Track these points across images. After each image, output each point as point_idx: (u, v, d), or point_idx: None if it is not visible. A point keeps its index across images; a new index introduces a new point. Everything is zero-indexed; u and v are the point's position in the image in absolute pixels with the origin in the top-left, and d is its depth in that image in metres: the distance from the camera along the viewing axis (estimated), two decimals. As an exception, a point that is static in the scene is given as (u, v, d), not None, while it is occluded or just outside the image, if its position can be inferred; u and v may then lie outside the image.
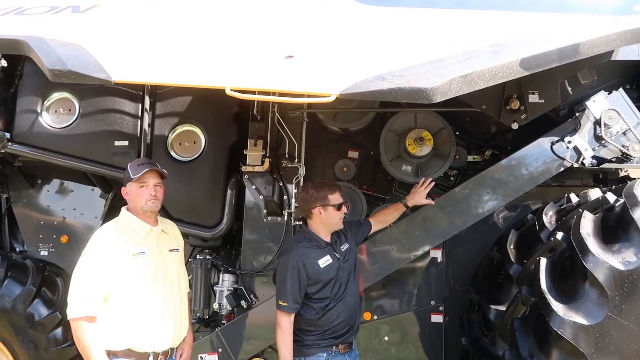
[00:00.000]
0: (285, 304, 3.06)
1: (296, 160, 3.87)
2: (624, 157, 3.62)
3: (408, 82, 2.23)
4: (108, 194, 4.31)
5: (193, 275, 4.04)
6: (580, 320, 2.44)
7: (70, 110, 3.90)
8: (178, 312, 2.88)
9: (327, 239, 3.27)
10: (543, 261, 2.73)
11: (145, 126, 3.95)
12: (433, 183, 3.63)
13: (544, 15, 3.02)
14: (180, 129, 3.99)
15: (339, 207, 3.22)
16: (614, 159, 3.65)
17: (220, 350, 3.71)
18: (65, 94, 3.89)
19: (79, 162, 3.91)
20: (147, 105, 3.95)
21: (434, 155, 3.96)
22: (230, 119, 4.02)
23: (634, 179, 3.92)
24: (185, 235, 4.10)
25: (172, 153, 3.99)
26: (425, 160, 3.96)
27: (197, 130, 4.00)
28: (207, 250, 4.15)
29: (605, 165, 3.67)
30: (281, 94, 2.42)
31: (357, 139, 4.39)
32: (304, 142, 3.92)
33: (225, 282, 4.00)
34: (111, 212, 4.31)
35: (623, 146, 3.58)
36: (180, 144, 4.00)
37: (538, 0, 3.26)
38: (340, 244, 3.31)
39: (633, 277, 2.42)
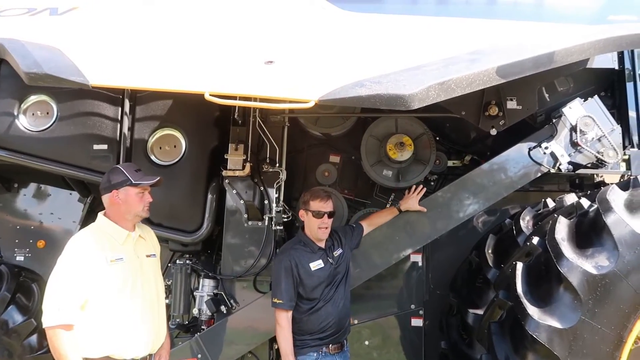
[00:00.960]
0: (281, 301, 3.13)
1: (277, 164, 3.86)
2: (599, 163, 3.70)
3: (386, 88, 2.24)
4: (86, 198, 4.26)
5: (173, 281, 4.01)
6: (555, 324, 2.48)
7: (48, 113, 3.84)
8: (156, 318, 2.85)
9: (320, 244, 3.35)
10: (519, 265, 2.77)
11: (125, 130, 3.91)
12: (425, 189, 3.69)
13: (521, 23, 3.08)
14: (161, 132, 3.96)
15: (316, 215, 3.28)
16: (589, 165, 3.72)
17: (199, 356, 3.68)
18: (43, 97, 3.84)
19: (57, 165, 3.85)
20: (126, 108, 3.92)
21: (414, 160, 3.99)
22: (211, 123, 4.00)
23: (609, 184, 4.03)
24: (164, 240, 4.09)
25: (152, 157, 3.95)
26: (406, 165, 3.99)
27: (178, 134, 3.97)
28: (187, 255, 4.12)
29: (582, 171, 3.74)
30: (261, 100, 2.42)
31: (339, 144, 4.41)
32: (285, 146, 3.92)
33: (205, 288, 3.97)
34: (89, 216, 4.27)
35: (598, 152, 3.66)
36: (160, 148, 3.97)
37: (514, 9, 3.33)
38: (334, 249, 3.40)
39: (605, 282, 2.47)
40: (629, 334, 2.50)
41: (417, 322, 4.16)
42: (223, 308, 3.81)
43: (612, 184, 3.98)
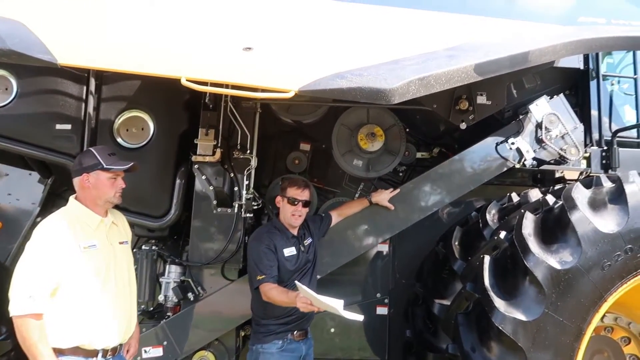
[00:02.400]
0: (263, 276, 3.12)
1: (248, 151, 3.81)
2: (562, 160, 3.82)
3: (367, 82, 2.24)
4: (47, 180, 4.09)
5: (138, 267, 3.90)
6: (520, 316, 2.57)
7: (7, 89, 3.64)
8: (128, 307, 2.78)
9: (294, 231, 3.41)
10: (487, 259, 2.85)
11: (90, 110, 3.75)
12: (398, 191, 3.75)
13: (493, 20, 3.13)
14: (128, 114, 3.83)
15: (290, 202, 3.32)
16: (552, 161, 3.84)
17: (165, 343, 3.64)
18: (1, 72, 3.64)
19: (16, 144, 3.66)
20: (92, 87, 3.76)
21: (384, 151, 4.02)
22: (181, 107, 3.90)
23: (569, 180, 4.19)
24: (130, 225, 3.99)
25: (119, 139, 3.82)
26: (376, 155, 4.02)
27: (146, 116, 3.85)
28: (153, 241, 4.04)
29: (545, 167, 3.86)
30: (239, 87, 2.37)
31: (309, 132, 4.39)
32: (257, 133, 3.87)
33: (172, 274, 3.90)
34: (50, 198, 4.12)
35: (561, 149, 3.79)
36: (127, 130, 3.84)
37: (488, 5, 3.37)
38: (305, 238, 3.46)
39: (568, 276, 2.58)
40: (588, 327, 2.62)
41: (382, 310, 4.24)
42: (190, 295, 3.77)
43: (575, 180, 4.17)
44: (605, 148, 3.99)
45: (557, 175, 4.33)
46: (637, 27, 3.05)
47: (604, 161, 3.96)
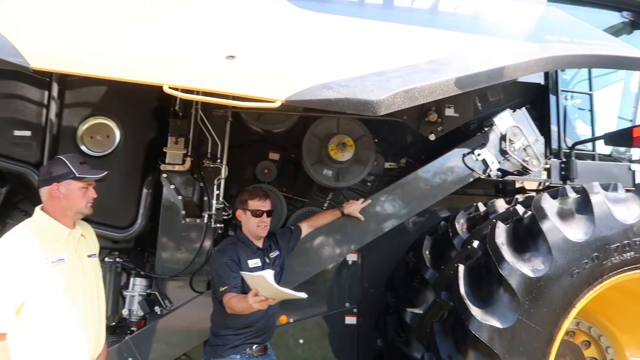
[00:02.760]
0: (225, 287, 3.06)
1: (218, 160, 3.75)
2: (524, 171, 3.98)
3: (354, 93, 2.25)
4: (2, 189, 3.86)
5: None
6: (496, 323, 2.64)
7: (-41, 92, 3.44)
8: (97, 323, 2.66)
9: (259, 244, 3.37)
10: (461, 268, 2.91)
11: (52, 116, 3.61)
12: (370, 201, 3.78)
13: (466, 35, 3.23)
14: (93, 121, 3.70)
15: (254, 214, 3.30)
16: (515, 172, 3.99)
17: (130, 359, 3.49)
18: (-47, 74, 3.43)
19: (-32, 151, 3.47)
20: (54, 92, 3.62)
21: (354, 161, 4.05)
22: (149, 114, 3.80)
23: (530, 190, 4.37)
24: (93, 236, 3.84)
25: (82, 147, 3.70)
26: (346, 165, 4.04)
27: (111, 123, 3.73)
28: (117, 253, 3.88)
29: (508, 177, 4.01)
30: (219, 95, 2.32)
31: (279, 141, 4.36)
32: (227, 141, 3.82)
33: (137, 287, 3.77)
34: (4, 208, 3.88)
35: (524, 160, 3.94)
36: (91, 137, 3.71)
37: (460, 21, 3.47)
38: (271, 250, 3.42)
39: (540, 284, 2.68)
40: (558, 332, 2.72)
41: (350, 320, 4.26)
42: (157, 308, 3.65)
43: (534, 190, 4.35)
44: (564, 160, 4.19)
45: (518, 185, 4.53)
46: (596, 46, 3.23)
47: (562, 172, 4.16)
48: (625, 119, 4.82)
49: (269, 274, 2.50)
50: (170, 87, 2.24)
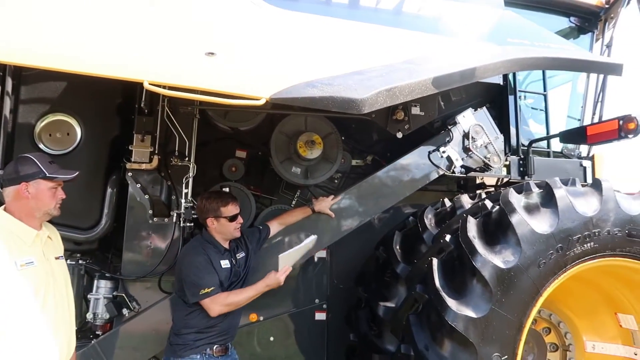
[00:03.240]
0: (211, 289, 3.06)
1: (186, 158, 3.68)
2: (486, 167, 4.14)
3: (338, 91, 2.27)
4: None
5: (63, 283, 3.61)
6: (470, 313, 2.74)
7: None
8: (68, 328, 2.55)
9: (226, 245, 3.35)
10: (435, 261, 3.00)
11: (6, 112, 3.43)
12: (339, 198, 3.81)
13: (433, 36, 3.32)
14: (52, 117, 3.55)
15: (231, 219, 3.28)
16: (477, 169, 4.15)
17: (97, 364, 3.38)
18: None
19: None
20: (9, 87, 3.43)
21: (322, 159, 4.08)
22: (113, 111, 3.68)
23: (489, 185, 4.55)
24: (53, 238, 3.67)
25: (40, 145, 3.54)
26: (315, 163, 4.07)
27: (72, 120, 3.59)
28: (79, 255, 3.74)
29: (472, 174, 4.16)
30: (205, 93, 2.28)
31: (246, 139, 4.33)
32: (195, 139, 3.75)
33: (101, 289, 3.66)
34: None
35: (485, 157, 4.10)
36: (50, 135, 3.56)
37: (426, 22, 3.57)
38: (238, 251, 3.40)
39: (511, 275, 2.80)
40: (527, 320, 2.86)
41: (320, 316, 4.29)
42: (125, 311, 3.54)
43: (493, 186, 4.53)
44: (522, 157, 4.38)
45: (478, 181, 4.70)
46: (554, 49, 3.40)
47: (521, 168, 4.36)
48: (573, 118, 5.11)
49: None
50: (150, 84, 2.18)
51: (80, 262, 3.68)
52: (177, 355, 3.11)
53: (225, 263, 3.27)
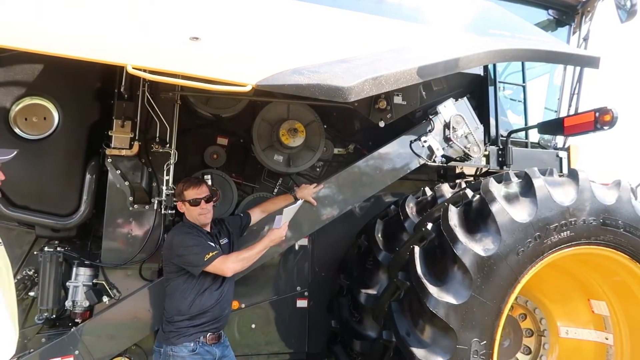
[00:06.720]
0: (215, 252, 3.08)
1: (167, 144, 3.63)
2: (466, 157, 4.19)
3: (325, 79, 2.28)
4: None
5: (41, 271, 3.56)
6: (451, 300, 2.80)
7: None
8: (13, 318, 2.43)
9: (207, 229, 3.34)
10: (417, 249, 3.05)
11: (-21, 95, 3.32)
12: (322, 186, 3.79)
13: (416, 25, 3.34)
14: (28, 101, 3.46)
15: (193, 203, 3.27)
16: (458, 158, 4.20)
17: (77, 352, 3.33)
18: None
19: None
20: (-18, 70, 3.33)
21: (305, 147, 4.08)
22: (92, 95, 3.61)
23: (468, 175, 4.61)
24: (31, 225, 3.60)
25: (16, 129, 3.45)
26: (297, 150, 4.06)
27: (49, 104, 3.51)
28: (56, 242, 3.67)
29: (452, 163, 4.21)
30: (189, 78, 2.25)
31: (228, 126, 4.29)
32: (176, 125, 3.70)
33: (80, 277, 3.60)
34: None
35: (465, 147, 4.14)
36: (26, 119, 3.47)
37: (409, 11, 3.58)
38: (221, 237, 3.39)
39: (490, 262, 2.86)
40: (505, 306, 2.93)
41: (302, 303, 4.31)
42: (105, 298, 3.50)
43: (472, 176, 4.60)
44: (501, 147, 4.45)
45: (458, 171, 4.76)
46: (535, 41, 3.46)
47: (500, 158, 4.43)
48: (550, 110, 5.21)
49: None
50: (134, 68, 2.15)
51: (58, 249, 3.60)
52: (170, 343, 3.09)
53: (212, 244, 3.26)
